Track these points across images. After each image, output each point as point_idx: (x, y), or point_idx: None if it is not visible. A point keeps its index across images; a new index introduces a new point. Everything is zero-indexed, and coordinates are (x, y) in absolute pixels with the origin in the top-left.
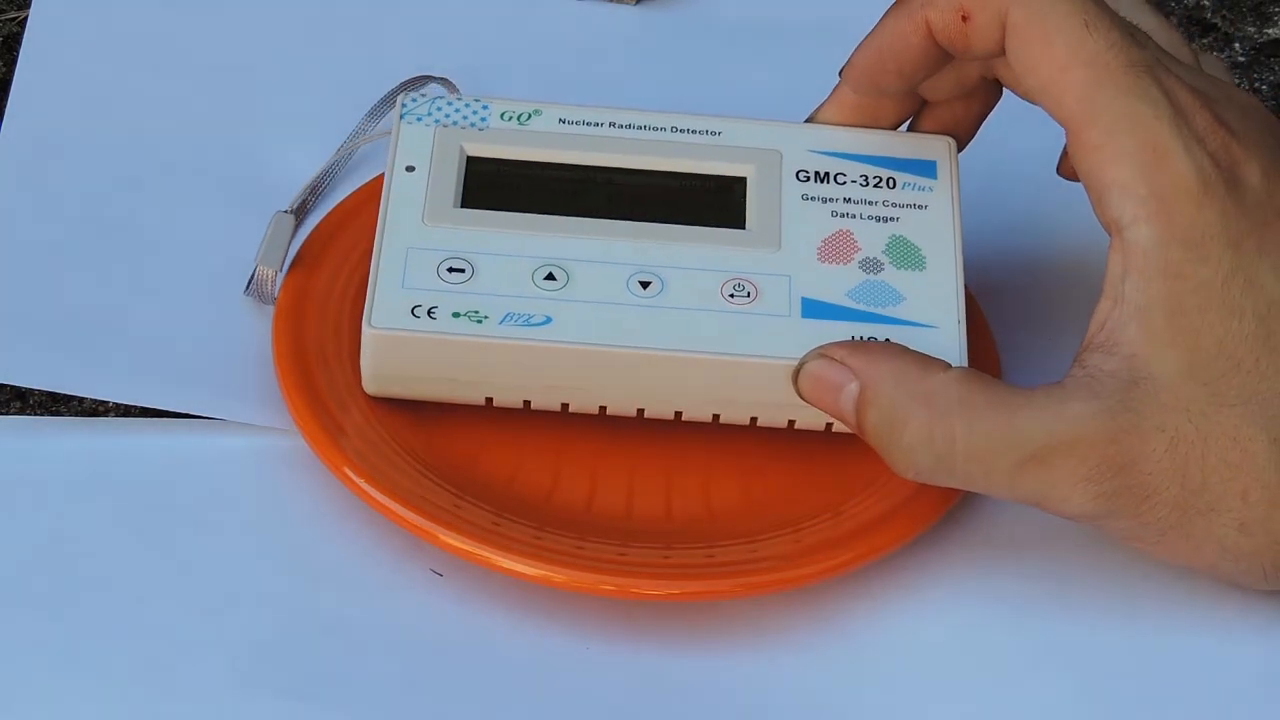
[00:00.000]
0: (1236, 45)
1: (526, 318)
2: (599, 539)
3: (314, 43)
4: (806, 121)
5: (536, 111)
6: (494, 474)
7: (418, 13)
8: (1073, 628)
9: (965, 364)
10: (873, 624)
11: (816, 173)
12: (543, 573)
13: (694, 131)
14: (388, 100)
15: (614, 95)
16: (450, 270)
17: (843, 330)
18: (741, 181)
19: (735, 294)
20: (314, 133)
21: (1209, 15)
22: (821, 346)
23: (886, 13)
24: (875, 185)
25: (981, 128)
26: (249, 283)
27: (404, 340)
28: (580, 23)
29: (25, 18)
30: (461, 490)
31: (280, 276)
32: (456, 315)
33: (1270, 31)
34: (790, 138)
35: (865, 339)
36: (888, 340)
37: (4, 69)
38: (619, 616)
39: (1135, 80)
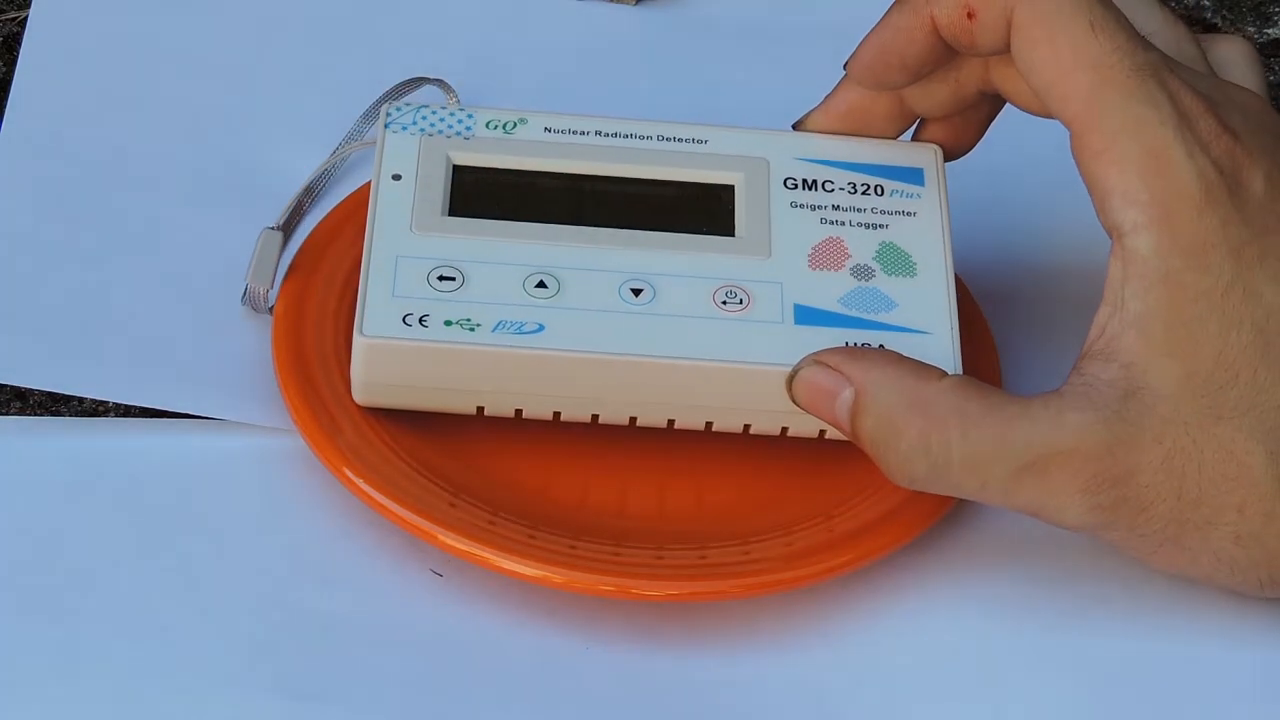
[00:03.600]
0: None
1: (519, 325)
2: (592, 539)
3: (313, 43)
4: (795, 127)
5: (522, 120)
6: (490, 474)
7: (417, 13)
8: (1071, 630)
9: (960, 370)
10: (870, 626)
11: (804, 180)
12: (541, 573)
13: (680, 140)
14: (383, 101)
15: (613, 95)
16: (441, 279)
17: (836, 337)
18: (729, 189)
19: (728, 301)
20: (313, 133)
21: (1209, 15)
22: (816, 353)
23: (891, 8)
24: (864, 192)
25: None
26: (244, 295)
27: (396, 349)
28: (580, 23)
29: (25, 18)
30: (457, 490)
31: (273, 291)
32: (449, 323)
33: (1270, 31)
34: (777, 146)
35: (860, 345)
36: (882, 347)
37: (4, 69)
38: (616, 617)
39: (1139, 84)
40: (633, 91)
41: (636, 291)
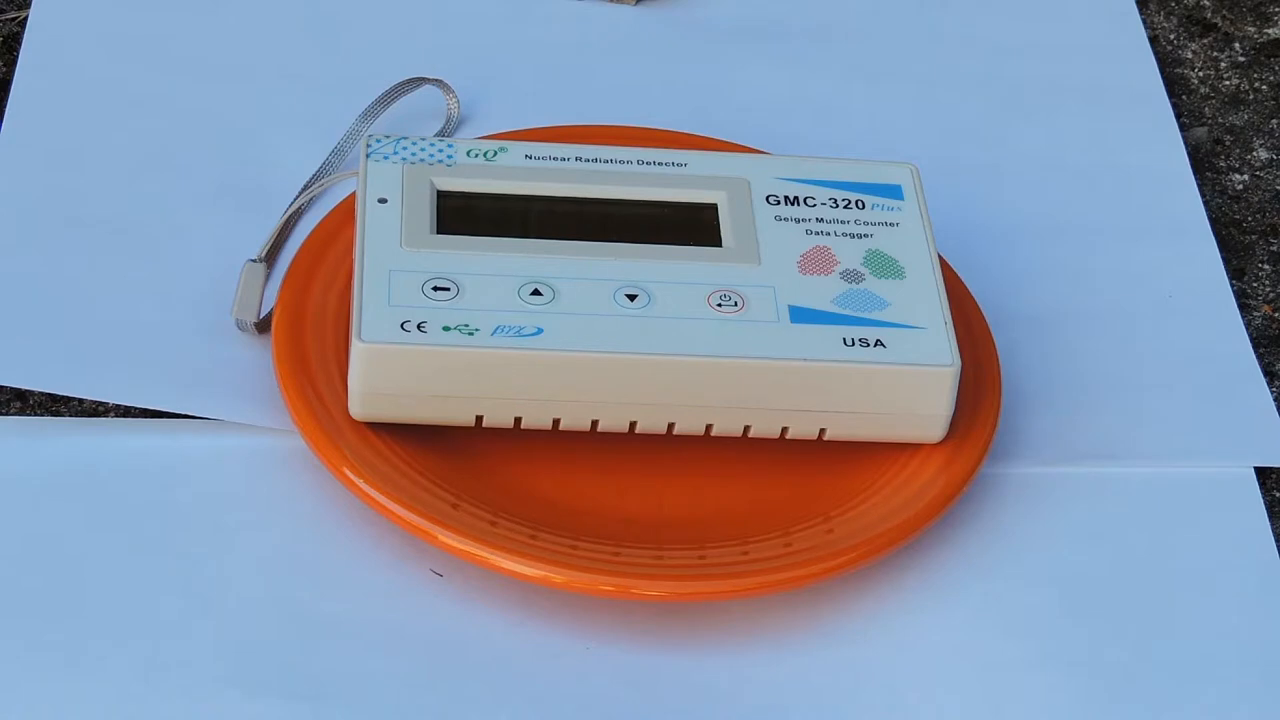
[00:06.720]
0: (1236, 45)
1: (517, 329)
2: (592, 540)
3: (313, 43)
4: None
5: (502, 149)
6: (491, 476)
7: (418, 13)
8: (1069, 630)
9: (958, 361)
10: (869, 626)
11: (786, 196)
12: (542, 573)
13: (660, 163)
14: (382, 101)
15: (613, 95)
16: (435, 289)
17: (833, 334)
18: (713, 207)
19: (723, 304)
20: (313, 132)
21: (1209, 15)
22: None
23: None
24: (845, 207)
25: (984, 125)
26: (234, 320)
27: (396, 354)
28: (580, 23)
29: (25, 18)
30: (459, 492)
31: (259, 319)
32: (447, 329)
33: (1270, 31)
34: (756, 167)
35: (856, 340)
36: (880, 343)
37: (4, 69)
38: (616, 617)
39: None
40: (633, 91)
41: (631, 297)
